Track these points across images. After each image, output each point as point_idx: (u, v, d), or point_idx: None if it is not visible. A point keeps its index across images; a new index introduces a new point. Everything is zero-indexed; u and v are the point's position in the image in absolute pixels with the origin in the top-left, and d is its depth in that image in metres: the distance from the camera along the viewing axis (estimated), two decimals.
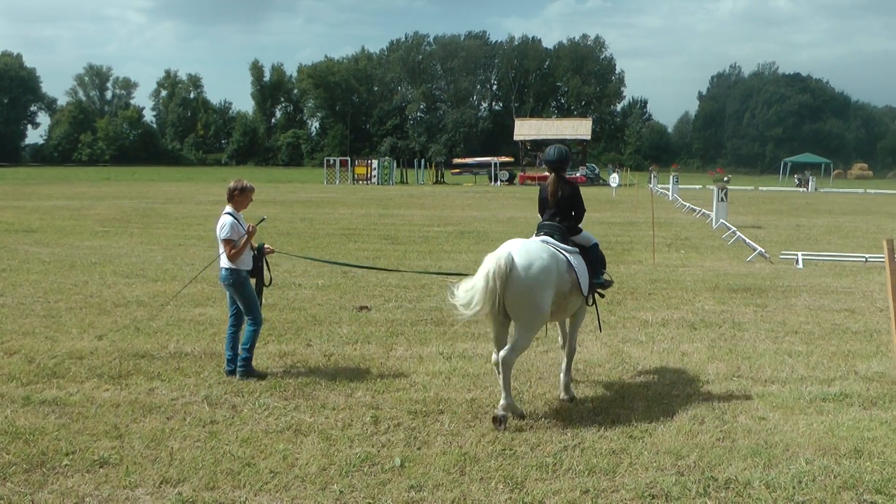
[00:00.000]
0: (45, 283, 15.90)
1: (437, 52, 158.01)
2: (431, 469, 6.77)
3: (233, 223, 9.47)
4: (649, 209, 23.87)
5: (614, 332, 11.90)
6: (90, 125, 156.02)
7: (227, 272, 9.50)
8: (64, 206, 38.34)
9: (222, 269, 9.52)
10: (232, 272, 9.51)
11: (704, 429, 7.82)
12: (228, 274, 9.50)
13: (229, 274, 9.50)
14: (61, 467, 6.84)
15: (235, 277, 9.53)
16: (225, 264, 9.48)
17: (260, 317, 9.77)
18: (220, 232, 9.46)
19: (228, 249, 9.45)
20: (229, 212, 9.56)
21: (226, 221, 9.47)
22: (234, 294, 9.59)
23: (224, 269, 9.50)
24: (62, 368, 9.80)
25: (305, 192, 54.16)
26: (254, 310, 9.67)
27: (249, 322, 9.62)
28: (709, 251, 22.24)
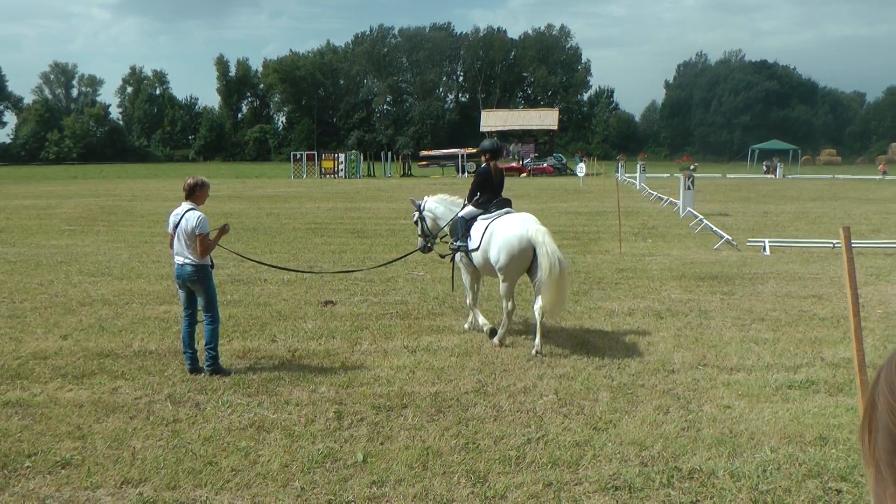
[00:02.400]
0: (10, 282, 15.73)
1: (402, 44, 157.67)
2: (394, 464, 6.75)
3: (205, 217, 9.45)
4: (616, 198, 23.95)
5: (580, 323, 11.95)
6: (57, 123, 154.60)
7: (193, 268, 9.42)
8: (30, 205, 37.94)
9: (187, 266, 9.41)
10: (199, 268, 9.45)
11: (669, 419, 7.84)
12: (195, 270, 9.42)
13: (196, 270, 9.43)
14: (23, 469, 6.78)
15: (202, 273, 9.48)
16: (190, 260, 9.40)
17: (218, 313, 9.72)
18: (197, 226, 9.38)
19: (202, 244, 9.42)
20: (192, 207, 9.49)
21: (198, 215, 9.44)
22: (198, 290, 9.51)
23: (190, 265, 9.41)
24: (26, 369, 9.71)
25: (272, 187, 53.89)
26: (214, 306, 9.64)
27: (208, 319, 9.56)
28: (675, 240, 22.35)
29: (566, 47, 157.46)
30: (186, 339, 9.56)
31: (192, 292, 9.61)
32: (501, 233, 10.50)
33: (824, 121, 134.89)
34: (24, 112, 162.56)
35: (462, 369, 9.52)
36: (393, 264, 15.09)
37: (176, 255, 9.49)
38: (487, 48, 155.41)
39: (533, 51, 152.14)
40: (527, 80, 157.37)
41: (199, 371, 9.42)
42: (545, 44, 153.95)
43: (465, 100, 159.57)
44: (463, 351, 10.31)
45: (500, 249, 10.40)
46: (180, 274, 9.51)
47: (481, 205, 11.25)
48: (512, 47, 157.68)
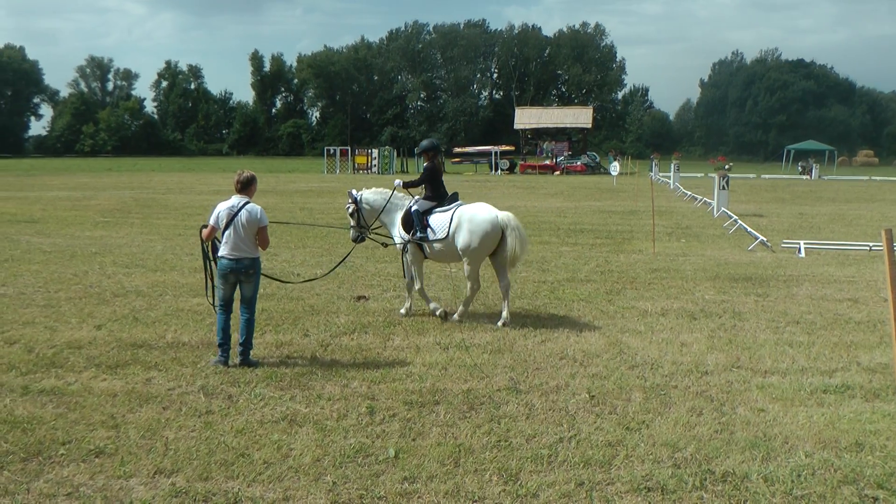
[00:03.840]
0: (45, 273, 15.89)
1: (436, 40, 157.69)
2: (426, 460, 6.74)
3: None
4: (650, 198, 23.80)
5: (613, 322, 11.86)
6: (92, 116, 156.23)
7: (251, 261, 9.51)
8: (66, 196, 38.32)
9: (245, 259, 9.46)
10: (255, 261, 9.59)
11: (702, 420, 7.77)
12: (252, 263, 9.53)
13: (252, 262, 9.55)
14: (58, 457, 6.84)
15: (257, 266, 9.64)
16: (249, 253, 9.48)
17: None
18: (263, 218, 9.53)
19: (266, 237, 9.57)
20: (248, 200, 9.56)
21: (261, 208, 9.59)
22: (250, 283, 9.59)
23: (249, 258, 9.48)
24: (61, 358, 9.81)
25: (305, 182, 54.11)
26: (256, 300, 9.73)
27: (248, 311, 9.62)
28: (709, 240, 22.19)
29: (601, 45, 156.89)
30: (226, 331, 9.55)
31: (235, 287, 9.63)
32: (472, 220, 11.57)
33: (861, 121, 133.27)
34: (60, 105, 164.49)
35: (494, 367, 9.50)
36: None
37: (230, 249, 9.42)
38: (522, 45, 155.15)
39: (567, 48, 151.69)
40: (561, 77, 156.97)
41: (229, 365, 9.44)
42: (580, 41, 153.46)
43: (498, 97, 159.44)
44: (495, 348, 10.28)
45: (473, 234, 11.49)
46: (235, 268, 9.45)
47: (432, 198, 12.17)
48: (546, 45, 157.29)
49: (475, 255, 11.62)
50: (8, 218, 27.21)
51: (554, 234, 23.09)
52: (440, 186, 12.31)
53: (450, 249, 11.79)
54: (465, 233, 11.55)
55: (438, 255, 12.03)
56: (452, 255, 11.96)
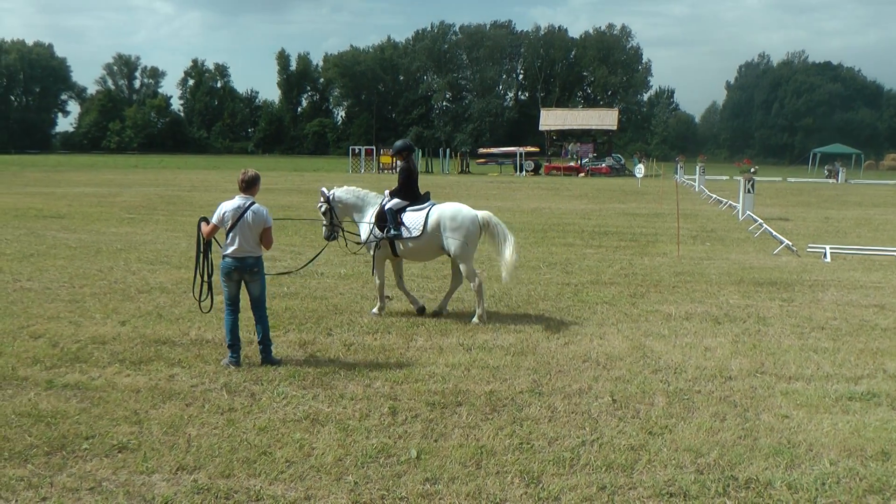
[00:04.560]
0: (71, 268, 16.01)
1: (462, 41, 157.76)
2: (447, 462, 6.73)
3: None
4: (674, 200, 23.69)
5: (636, 326, 11.81)
6: (119, 113, 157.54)
7: (255, 260, 9.55)
8: (91, 192, 38.61)
9: (249, 258, 9.49)
10: (259, 260, 9.61)
11: (726, 426, 7.71)
12: (256, 262, 9.56)
13: (257, 262, 9.57)
14: (81, 451, 6.89)
15: (261, 265, 9.65)
16: (253, 253, 9.52)
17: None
18: (268, 219, 9.57)
19: (270, 237, 9.62)
20: (254, 200, 9.58)
21: (266, 208, 9.63)
22: (255, 282, 9.60)
23: (253, 257, 9.52)
24: (85, 353, 9.88)
25: (330, 181, 53.96)
26: (265, 297, 9.81)
27: (260, 310, 9.69)
28: (734, 244, 22.05)
29: (627, 47, 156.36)
30: (234, 332, 9.56)
31: (240, 286, 9.65)
32: (454, 218, 11.93)
33: (889, 124, 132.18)
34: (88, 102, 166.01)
35: (517, 369, 9.47)
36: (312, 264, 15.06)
37: (235, 249, 9.44)
38: (548, 47, 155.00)
39: (593, 50, 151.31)
40: (587, 79, 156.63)
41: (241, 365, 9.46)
42: (606, 43, 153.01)
43: (524, 98, 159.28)
44: (518, 350, 10.25)
45: (458, 233, 11.86)
46: (240, 267, 9.48)
47: (406, 198, 12.37)
48: (572, 46, 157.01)
49: (465, 253, 11.93)
50: (34, 213, 27.44)
51: (578, 237, 23.02)
52: (414, 186, 12.53)
53: (423, 247, 12.10)
54: (449, 232, 11.89)
55: (411, 253, 12.29)
56: (425, 254, 12.38)
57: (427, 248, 12.12)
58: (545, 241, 21.88)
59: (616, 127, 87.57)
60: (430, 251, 12.22)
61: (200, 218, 10.11)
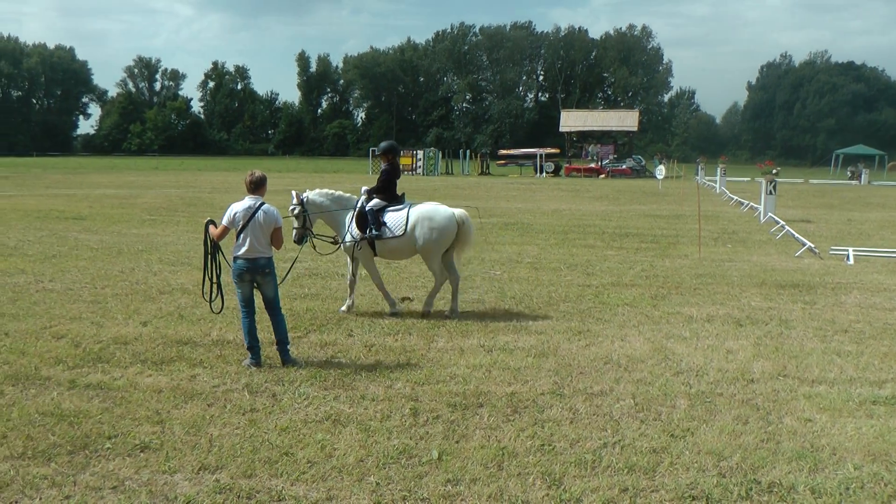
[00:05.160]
0: (92, 269, 16.11)
1: (482, 42, 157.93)
2: (469, 463, 6.72)
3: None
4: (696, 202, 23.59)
5: (658, 328, 11.75)
6: (139, 116, 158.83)
7: (267, 261, 9.55)
8: (113, 194, 38.87)
9: (261, 259, 9.49)
10: (270, 260, 9.62)
11: (748, 429, 7.65)
12: (268, 262, 9.57)
13: (268, 262, 9.58)
14: (103, 450, 6.93)
15: (272, 265, 9.66)
16: (264, 253, 9.53)
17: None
18: (279, 219, 9.61)
19: (281, 237, 9.63)
20: (264, 200, 9.61)
21: (276, 209, 9.64)
22: (268, 283, 9.61)
23: (265, 257, 9.52)
24: (107, 353, 9.94)
25: (351, 182, 54.21)
26: (278, 298, 9.85)
27: (275, 310, 9.71)
28: (756, 245, 21.92)
29: (647, 47, 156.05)
30: (252, 333, 9.56)
31: (252, 287, 9.65)
32: (433, 218, 12.26)
33: None
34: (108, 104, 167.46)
35: (538, 370, 9.45)
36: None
37: (247, 250, 9.43)
38: (568, 48, 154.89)
39: (614, 51, 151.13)
40: (607, 80, 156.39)
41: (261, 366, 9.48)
42: (626, 44, 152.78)
43: (544, 99, 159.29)
44: (539, 352, 10.22)
45: (434, 231, 12.19)
46: (252, 268, 9.47)
47: (385, 198, 12.56)
48: (593, 47, 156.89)
49: (436, 250, 12.31)
50: (56, 215, 27.65)
51: (599, 238, 22.97)
52: (394, 187, 12.71)
53: (404, 247, 12.37)
54: (426, 230, 12.19)
55: (391, 252, 12.59)
56: (405, 253, 12.68)
57: (407, 248, 12.39)
58: (566, 242, 21.84)
59: (637, 128, 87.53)
60: (410, 250, 12.48)
61: (207, 221, 10.13)
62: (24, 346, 10.23)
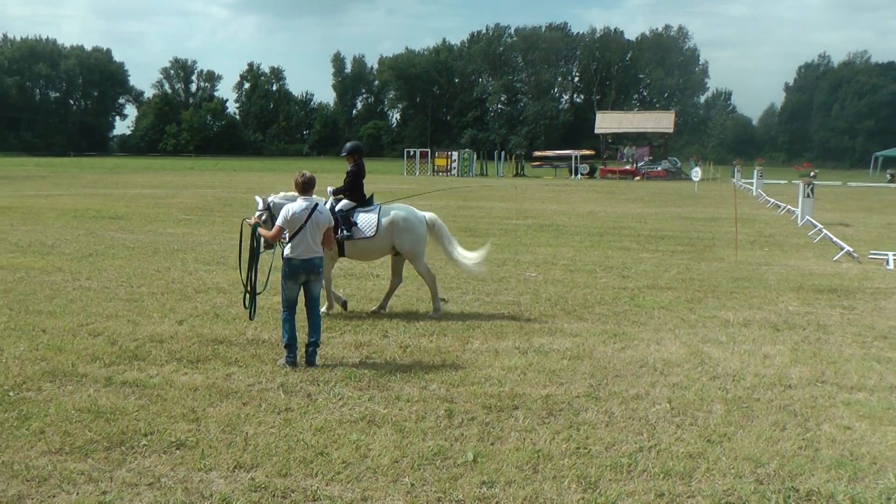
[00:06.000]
0: (128, 268, 16.25)
1: (518, 43, 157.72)
2: (504, 465, 6.69)
3: None
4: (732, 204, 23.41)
5: (694, 332, 11.65)
6: (175, 117, 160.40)
7: (320, 259, 9.68)
8: (149, 194, 39.21)
9: (316, 258, 9.61)
10: (321, 259, 9.74)
11: (786, 436, 7.55)
12: (321, 261, 9.71)
13: (321, 261, 9.72)
14: (139, 447, 6.99)
15: (322, 264, 9.74)
16: (318, 253, 9.63)
17: None
18: (332, 219, 9.83)
19: (332, 236, 9.82)
20: (318, 201, 9.71)
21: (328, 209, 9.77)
22: (317, 281, 9.71)
23: (318, 257, 9.65)
24: (143, 351, 10.02)
25: (385, 184, 54.42)
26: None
27: (317, 309, 9.79)
28: (793, 249, 21.70)
29: (684, 48, 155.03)
30: (294, 331, 9.58)
31: (300, 287, 9.71)
32: (407, 220, 12.42)
33: None
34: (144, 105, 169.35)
35: (574, 373, 9.40)
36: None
37: (303, 250, 9.49)
38: (604, 49, 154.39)
39: (650, 52, 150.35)
40: (643, 81, 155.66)
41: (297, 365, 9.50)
42: (662, 45, 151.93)
43: (579, 101, 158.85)
44: (575, 354, 10.17)
45: (411, 234, 12.36)
46: (307, 267, 9.53)
47: (353, 199, 12.51)
48: (628, 48, 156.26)
49: (419, 251, 12.49)
50: (93, 214, 27.95)
51: (634, 241, 22.84)
52: (361, 188, 12.65)
53: (374, 248, 12.45)
54: (400, 233, 12.31)
55: (360, 253, 12.64)
56: (374, 254, 12.75)
57: (377, 248, 12.49)
58: (601, 244, 21.75)
59: (672, 130, 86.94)
60: (379, 251, 12.58)
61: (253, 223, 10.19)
62: (61, 343, 10.34)
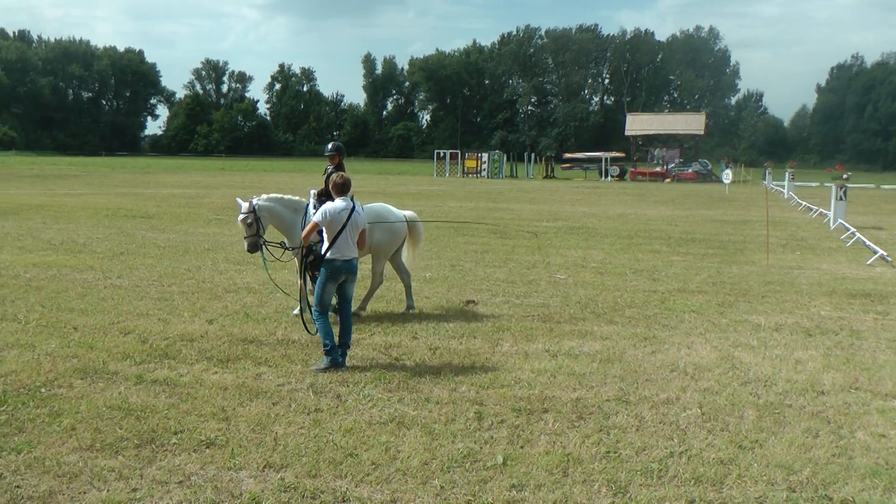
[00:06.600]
0: (159, 267, 16.36)
1: (548, 45, 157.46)
2: (534, 468, 6.67)
3: None
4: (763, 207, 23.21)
5: (725, 336, 11.56)
6: (206, 117, 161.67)
7: (356, 260, 9.76)
8: (180, 194, 39.48)
9: (354, 260, 9.68)
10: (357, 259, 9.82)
11: (819, 443, 7.46)
12: (357, 262, 9.79)
13: (357, 261, 9.81)
14: (170, 445, 7.04)
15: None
16: (355, 254, 9.69)
17: None
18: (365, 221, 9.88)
19: (365, 238, 9.89)
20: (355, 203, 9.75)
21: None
22: (353, 282, 9.80)
23: (356, 259, 9.73)
24: (174, 350, 10.08)
25: (415, 185, 54.52)
26: None
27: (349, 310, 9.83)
28: (826, 253, 21.49)
29: (714, 49, 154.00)
30: (332, 334, 9.57)
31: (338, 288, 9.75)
32: (387, 219, 12.51)
33: None
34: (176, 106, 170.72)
35: (604, 376, 9.35)
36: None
37: (343, 251, 9.52)
38: (634, 50, 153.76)
39: (680, 53, 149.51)
40: (673, 83, 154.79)
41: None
42: (693, 46, 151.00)
43: (609, 102, 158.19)
44: (605, 357, 10.12)
45: (388, 232, 12.46)
46: (348, 268, 9.58)
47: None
48: (659, 50, 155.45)
49: (387, 250, 12.62)
50: (124, 213, 28.14)
51: (665, 243, 22.71)
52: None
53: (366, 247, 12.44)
54: (379, 231, 12.30)
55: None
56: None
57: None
58: (631, 247, 21.63)
59: (703, 131, 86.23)
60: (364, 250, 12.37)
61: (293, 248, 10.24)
62: (92, 340, 10.44)
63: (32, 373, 8.99)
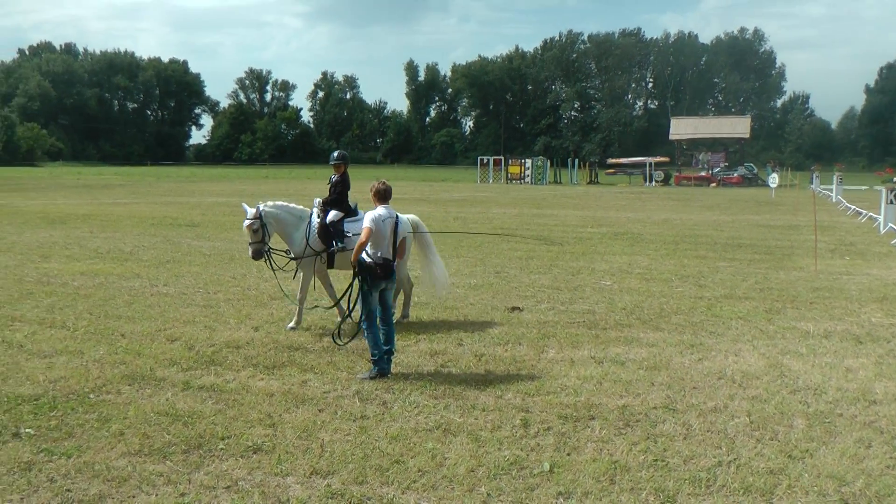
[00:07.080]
0: (205, 274, 16.52)
1: (591, 50, 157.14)
2: (581, 476, 6.62)
3: None
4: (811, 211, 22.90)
5: (773, 343, 11.40)
6: (250, 126, 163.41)
7: (395, 267, 9.76)
8: (224, 202, 39.85)
9: (393, 266, 9.70)
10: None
11: (871, 454, 7.31)
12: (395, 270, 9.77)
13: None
14: (217, 451, 7.10)
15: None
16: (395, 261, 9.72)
17: None
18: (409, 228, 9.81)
19: (405, 246, 9.95)
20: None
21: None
22: (393, 288, 9.88)
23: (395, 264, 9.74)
24: (220, 356, 10.18)
25: (458, 191, 54.56)
26: None
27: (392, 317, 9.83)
28: (876, 258, 21.16)
29: (759, 51, 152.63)
30: (381, 345, 9.55)
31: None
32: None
33: None
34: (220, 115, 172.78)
35: (650, 383, 9.27)
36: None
37: (389, 258, 9.58)
38: (678, 54, 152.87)
39: (724, 56, 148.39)
40: (718, 86, 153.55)
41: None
42: (737, 48, 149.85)
43: (653, 106, 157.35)
44: (651, 365, 10.04)
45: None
46: (392, 274, 9.65)
47: (341, 209, 12.42)
48: (703, 52, 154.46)
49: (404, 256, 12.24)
50: (170, 222, 28.50)
51: (711, 249, 22.50)
52: (347, 198, 12.60)
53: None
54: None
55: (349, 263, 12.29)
56: None
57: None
58: (677, 253, 21.46)
59: (748, 135, 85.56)
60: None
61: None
62: (139, 347, 10.57)
63: (81, 379, 9.13)
